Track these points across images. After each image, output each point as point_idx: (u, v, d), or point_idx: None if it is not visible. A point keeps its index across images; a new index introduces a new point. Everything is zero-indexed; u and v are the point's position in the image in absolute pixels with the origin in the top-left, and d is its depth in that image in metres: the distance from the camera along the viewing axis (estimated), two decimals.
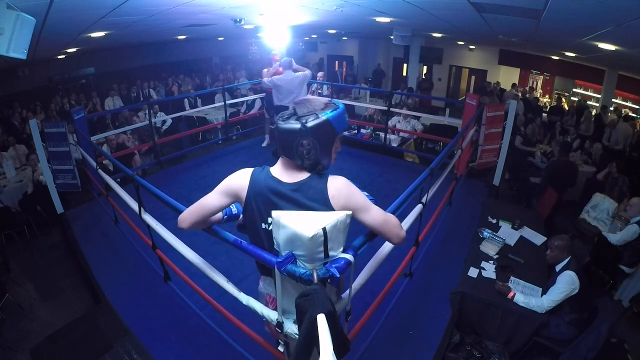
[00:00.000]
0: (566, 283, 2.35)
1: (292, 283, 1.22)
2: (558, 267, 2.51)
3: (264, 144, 5.79)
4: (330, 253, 1.15)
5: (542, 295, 2.53)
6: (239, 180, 1.30)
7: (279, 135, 1.24)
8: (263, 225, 1.30)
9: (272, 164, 1.31)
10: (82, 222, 3.85)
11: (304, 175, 1.25)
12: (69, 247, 3.70)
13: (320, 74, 7.64)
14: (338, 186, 1.24)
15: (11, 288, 3.37)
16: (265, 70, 4.89)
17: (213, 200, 1.34)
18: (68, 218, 3.91)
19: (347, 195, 1.24)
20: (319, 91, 7.01)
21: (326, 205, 1.22)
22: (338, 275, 1.15)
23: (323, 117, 1.21)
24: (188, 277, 2.22)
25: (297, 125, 1.20)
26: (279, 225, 1.14)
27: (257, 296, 1.56)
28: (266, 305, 1.50)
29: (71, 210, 4.07)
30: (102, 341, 2.35)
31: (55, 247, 4.15)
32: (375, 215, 1.27)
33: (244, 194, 1.29)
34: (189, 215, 1.38)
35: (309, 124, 1.19)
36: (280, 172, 1.27)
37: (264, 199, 1.25)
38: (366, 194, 1.34)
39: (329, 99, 1.31)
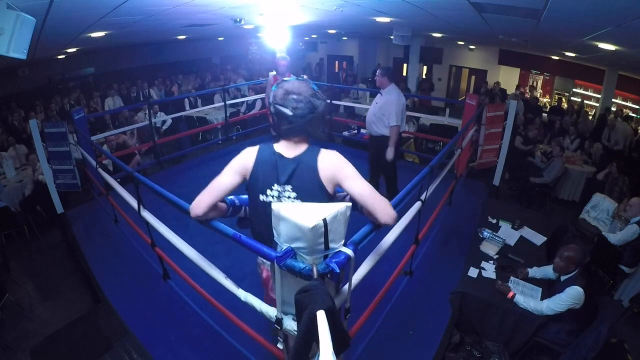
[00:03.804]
0: (571, 297, 2.29)
1: (292, 277, 1.22)
2: (563, 278, 2.46)
3: None
4: (331, 245, 1.15)
5: (542, 295, 2.53)
6: (248, 155, 1.45)
7: (319, 119, 1.42)
8: (261, 197, 1.42)
9: None
10: (82, 222, 3.85)
11: (301, 150, 1.41)
12: (69, 247, 3.70)
13: (304, 76, 7.65)
14: (328, 157, 1.38)
15: (11, 288, 3.36)
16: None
17: (225, 178, 1.43)
18: (68, 218, 3.92)
19: (335, 166, 1.37)
20: None
21: (315, 174, 1.36)
22: (338, 271, 1.15)
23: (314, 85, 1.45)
24: (187, 276, 2.22)
25: (323, 101, 1.42)
26: (279, 217, 1.14)
27: (256, 295, 1.56)
28: (260, 274, 1.63)
29: (71, 210, 4.08)
30: (102, 341, 2.35)
31: (55, 247, 4.15)
32: (363, 184, 1.35)
33: (251, 165, 1.43)
34: (203, 198, 1.42)
35: (322, 95, 1.44)
36: (282, 148, 1.43)
37: (268, 168, 1.40)
38: None
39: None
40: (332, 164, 1.37)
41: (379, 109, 3.58)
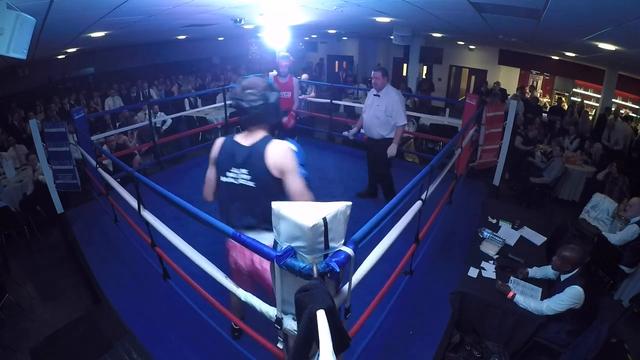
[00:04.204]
0: (571, 297, 2.29)
1: (292, 276, 1.21)
2: (563, 278, 2.46)
3: None
4: (331, 244, 1.15)
5: (542, 295, 2.53)
6: (215, 146, 1.74)
7: (271, 109, 1.61)
8: (222, 178, 1.68)
9: None
10: (82, 222, 3.85)
11: (256, 139, 1.63)
12: (69, 247, 3.70)
13: (304, 75, 7.57)
14: (276, 147, 1.58)
15: (11, 288, 3.37)
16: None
17: (209, 171, 1.79)
18: (68, 218, 3.91)
19: (280, 155, 1.56)
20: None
21: (263, 162, 1.56)
22: (338, 270, 1.14)
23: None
24: (187, 276, 2.22)
25: (276, 92, 1.62)
26: (279, 216, 1.14)
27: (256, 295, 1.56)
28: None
29: (71, 210, 4.07)
30: (102, 341, 2.35)
31: (55, 247, 4.15)
32: (299, 182, 1.57)
33: (216, 153, 1.71)
34: (205, 191, 1.84)
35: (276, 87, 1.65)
36: (241, 137, 1.67)
37: (227, 155, 1.66)
38: (304, 172, 1.67)
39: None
40: (277, 153, 1.57)
41: (383, 112, 3.45)
